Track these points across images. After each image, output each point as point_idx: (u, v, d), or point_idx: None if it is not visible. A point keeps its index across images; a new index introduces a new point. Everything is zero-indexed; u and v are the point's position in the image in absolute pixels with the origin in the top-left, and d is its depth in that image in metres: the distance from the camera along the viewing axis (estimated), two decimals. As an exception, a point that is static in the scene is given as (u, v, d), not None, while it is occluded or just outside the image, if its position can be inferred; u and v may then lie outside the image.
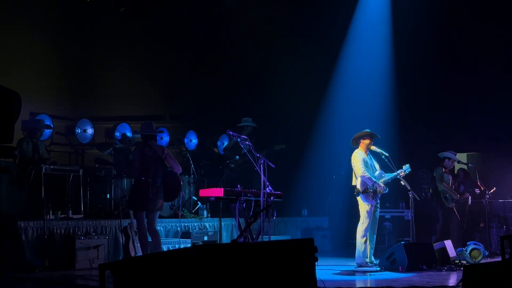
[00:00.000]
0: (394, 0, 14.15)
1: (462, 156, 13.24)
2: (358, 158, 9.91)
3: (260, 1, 14.43)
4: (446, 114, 14.48)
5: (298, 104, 14.54)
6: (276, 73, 14.80)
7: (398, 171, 9.86)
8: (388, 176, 9.93)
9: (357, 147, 10.08)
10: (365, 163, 9.90)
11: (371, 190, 9.73)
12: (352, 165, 9.97)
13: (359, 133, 10.10)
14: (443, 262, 9.81)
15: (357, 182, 9.82)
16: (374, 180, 9.77)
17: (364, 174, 9.74)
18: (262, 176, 8.50)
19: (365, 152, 10.04)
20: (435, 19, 13.65)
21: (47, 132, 11.74)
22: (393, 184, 10.29)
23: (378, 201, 9.93)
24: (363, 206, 9.76)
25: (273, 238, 10.77)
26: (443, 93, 14.41)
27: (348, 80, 14.58)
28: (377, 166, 10.09)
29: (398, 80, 14.32)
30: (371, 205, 9.75)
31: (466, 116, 14.11)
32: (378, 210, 10.03)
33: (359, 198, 9.79)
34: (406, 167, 9.92)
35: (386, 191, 9.92)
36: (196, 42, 15.38)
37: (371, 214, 9.75)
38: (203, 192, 9.22)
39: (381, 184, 9.80)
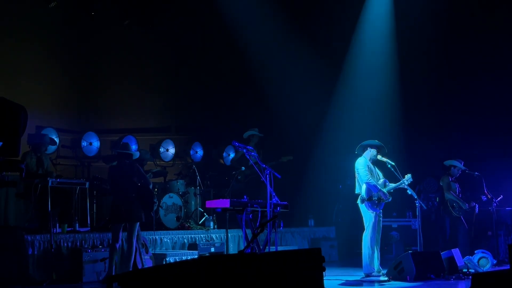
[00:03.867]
0: (398, 8, 14.16)
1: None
2: (363, 164, 9.86)
3: (264, 11, 14.45)
4: (452, 122, 14.44)
5: (303, 114, 14.55)
6: (281, 84, 14.81)
7: (401, 181, 9.81)
8: (391, 186, 9.89)
9: (362, 154, 10.06)
10: (370, 170, 9.86)
11: (376, 198, 9.69)
12: (356, 172, 9.89)
13: (369, 141, 10.06)
14: (451, 271, 9.77)
15: (361, 190, 9.78)
16: (379, 187, 9.74)
17: (369, 181, 9.69)
18: (269, 187, 8.49)
19: (370, 160, 10.00)
20: (439, 27, 13.66)
21: (52, 146, 11.75)
22: (400, 193, 10.25)
23: (381, 210, 9.88)
24: (367, 214, 9.73)
25: (280, 248, 10.74)
26: (448, 101, 14.38)
27: (353, 89, 14.59)
28: (380, 174, 10.05)
29: (402, 89, 14.32)
30: (375, 213, 9.71)
31: (472, 124, 14.06)
32: (381, 219, 9.99)
33: (362, 206, 9.75)
34: (408, 177, 9.81)
35: (389, 200, 9.87)
36: (200, 53, 15.42)
37: (375, 222, 9.70)
38: (210, 203, 9.24)
39: (386, 193, 9.76)
